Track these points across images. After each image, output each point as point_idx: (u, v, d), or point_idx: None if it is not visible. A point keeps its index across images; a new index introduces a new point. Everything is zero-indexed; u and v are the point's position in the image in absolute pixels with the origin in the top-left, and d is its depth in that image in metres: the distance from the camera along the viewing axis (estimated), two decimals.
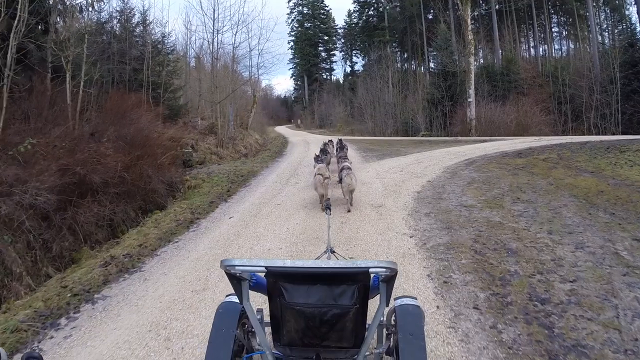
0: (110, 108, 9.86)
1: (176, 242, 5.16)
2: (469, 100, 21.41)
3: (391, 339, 1.94)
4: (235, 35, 22.97)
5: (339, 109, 39.09)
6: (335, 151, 10.77)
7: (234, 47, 19.75)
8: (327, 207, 3.19)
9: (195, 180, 9.90)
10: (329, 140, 12.67)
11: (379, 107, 29.66)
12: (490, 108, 21.89)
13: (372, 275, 1.48)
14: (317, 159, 8.25)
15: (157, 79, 16.70)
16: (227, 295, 2.03)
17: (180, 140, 13.01)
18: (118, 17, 17.62)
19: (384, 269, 1.44)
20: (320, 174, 6.10)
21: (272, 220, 5.73)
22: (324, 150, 9.66)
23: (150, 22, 19.52)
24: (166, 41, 20.38)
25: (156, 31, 19.69)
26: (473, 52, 22.00)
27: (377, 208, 5.97)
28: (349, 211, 5.89)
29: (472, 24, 22.96)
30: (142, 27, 18.90)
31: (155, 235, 5.43)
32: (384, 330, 2.05)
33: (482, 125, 21.15)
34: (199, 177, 10.13)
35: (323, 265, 1.52)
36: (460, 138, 18.48)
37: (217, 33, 19.55)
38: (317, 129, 40.55)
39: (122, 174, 7.07)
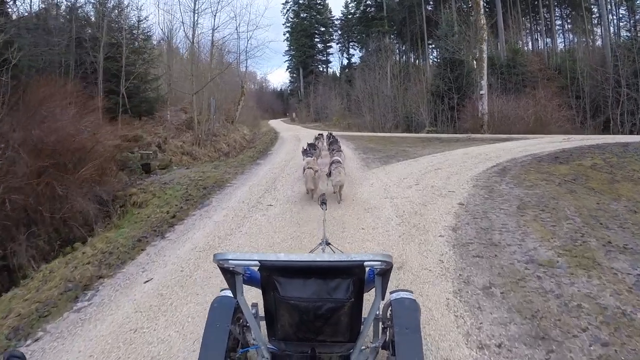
0: (34, 101, 7.44)
1: (36, 340, 2.82)
2: (481, 92, 18.99)
3: (387, 333, 1.85)
4: (215, 15, 20.72)
5: (335, 102, 36.88)
6: (327, 145, 10.41)
7: (213, 30, 17.30)
8: (322, 202, 3.13)
9: (144, 193, 7.53)
10: (320, 134, 12.24)
11: (378, 99, 27.27)
12: (503, 102, 19.50)
13: (367, 269, 1.45)
14: (306, 152, 7.66)
15: (133, 68, 14.30)
16: (221, 290, 1.93)
17: (139, 140, 10.59)
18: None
19: (379, 262, 1.41)
20: (310, 168, 5.99)
21: (206, 298, 2.98)
22: (312, 145, 9.04)
23: (127, 6, 17.26)
24: (142, 25, 18.11)
25: (131, 15, 17.31)
26: (486, 38, 19.55)
27: (396, 273, 3.40)
28: (339, 202, 5.79)
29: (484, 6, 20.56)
30: (117, 12, 16.65)
31: (12, 322, 3.09)
32: (380, 324, 1.94)
33: (495, 121, 18.76)
34: (150, 189, 7.74)
35: (317, 259, 1.56)
36: (473, 136, 16.13)
37: (196, 14, 17.11)
38: (312, 122, 38.24)
39: (5, 197, 4.70)
